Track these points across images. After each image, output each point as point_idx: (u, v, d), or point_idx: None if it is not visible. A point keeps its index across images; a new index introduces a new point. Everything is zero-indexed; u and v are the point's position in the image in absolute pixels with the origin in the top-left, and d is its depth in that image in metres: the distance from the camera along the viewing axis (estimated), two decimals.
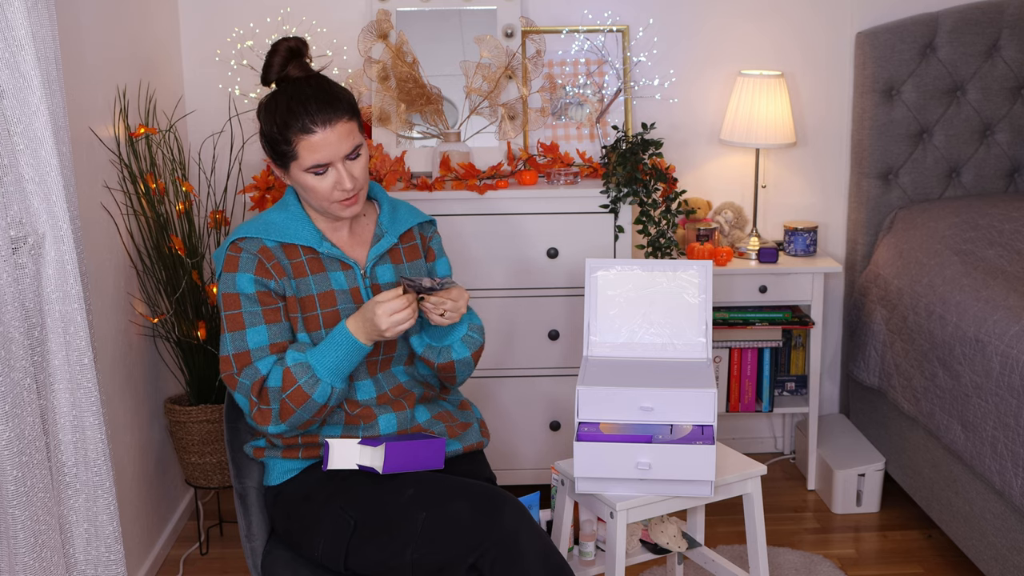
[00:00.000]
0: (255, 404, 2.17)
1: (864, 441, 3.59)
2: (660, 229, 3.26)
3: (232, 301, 2.20)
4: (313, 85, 2.18)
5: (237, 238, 2.23)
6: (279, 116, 2.16)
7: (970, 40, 3.58)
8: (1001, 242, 3.24)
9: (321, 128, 2.14)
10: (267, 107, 2.20)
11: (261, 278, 2.20)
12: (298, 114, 2.14)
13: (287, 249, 2.24)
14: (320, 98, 2.16)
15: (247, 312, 2.19)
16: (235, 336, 2.18)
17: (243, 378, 2.17)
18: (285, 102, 2.16)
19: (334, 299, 2.24)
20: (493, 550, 2.01)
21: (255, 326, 2.18)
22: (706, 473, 2.27)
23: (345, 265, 2.27)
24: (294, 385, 2.14)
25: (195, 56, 3.55)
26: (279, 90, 2.20)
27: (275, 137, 2.17)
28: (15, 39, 2.01)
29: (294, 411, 2.15)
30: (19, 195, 2.08)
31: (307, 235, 2.25)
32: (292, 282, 2.22)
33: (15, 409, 1.98)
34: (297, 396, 2.14)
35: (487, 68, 3.40)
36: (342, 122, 2.16)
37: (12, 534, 2.00)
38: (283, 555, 2.26)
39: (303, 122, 2.14)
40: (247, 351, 2.18)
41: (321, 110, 2.15)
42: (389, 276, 2.32)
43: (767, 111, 3.44)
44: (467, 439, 2.35)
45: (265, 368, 2.17)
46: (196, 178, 3.51)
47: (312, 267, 2.24)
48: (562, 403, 3.36)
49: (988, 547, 2.83)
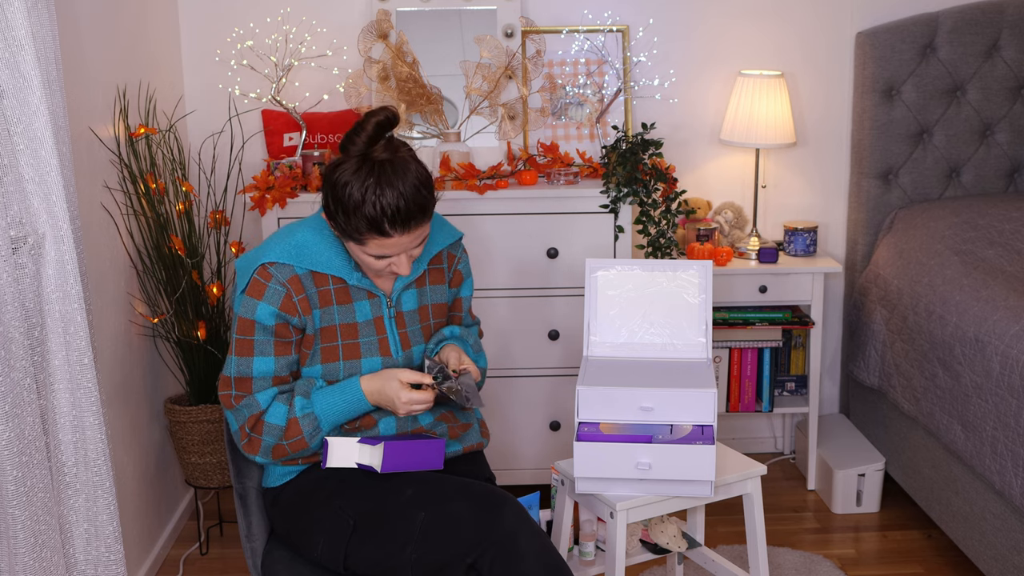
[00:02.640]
0: (247, 434, 2.18)
1: (864, 441, 3.59)
2: (660, 229, 3.26)
3: (247, 326, 2.15)
4: (404, 179, 2.04)
5: (267, 261, 2.14)
6: (356, 205, 2.04)
7: (970, 40, 3.58)
8: (1001, 242, 3.24)
9: (398, 234, 2.07)
10: (344, 180, 2.05)
11: (284, 313, 2.14)
12: (380, 220, 2.04)
13: (316, 277, 2.18)
14: (408, 203, 2.04)
15: (259, 341, 2.15)
16: (241, 361, 2.16)
17: (241, 406, 2.17)
18: (366, 192, 2.03)
19: (356, 332, 2.21)
20: (492, 550, 2.01)
21: (264, 356, 2.16)
22: (706, 473, 2.27)
23: (372, 295, 2.23)
24: (298, 436, 2.17)
25: (195, 56, 3.55)
26: (363, 167, 2.05)
27: (347, 219, 2.07)
28: (15, 39, 2.01)
29: (288, 453, 2.19)
30: (19, 195, 2.08)
31: (339, 265, 2.19)
32: (316, 312, 2.17)
33: (15, 409, 1.98)
34: (297, 445, 2.18)
35: (487, 68, 3.40)
36: (420, 226, 2.10)
37: (12, 534, 2.00)
38: (283, 555, 2.26)
39: (383, 227, 2.05)
40: (250, 378, 2.16)
41: (404, 219, 2.05)
42: (412, 303, 2.28)
43: (767, 111, 3.44)
44: (467, 439, 2.35)
45: (264, 402, 2.17)
46: (196, 178, 3.51)
47: (339, 297, 2.20)
48: (562, 403, 3.36)
49: (988, 547, 2.83)
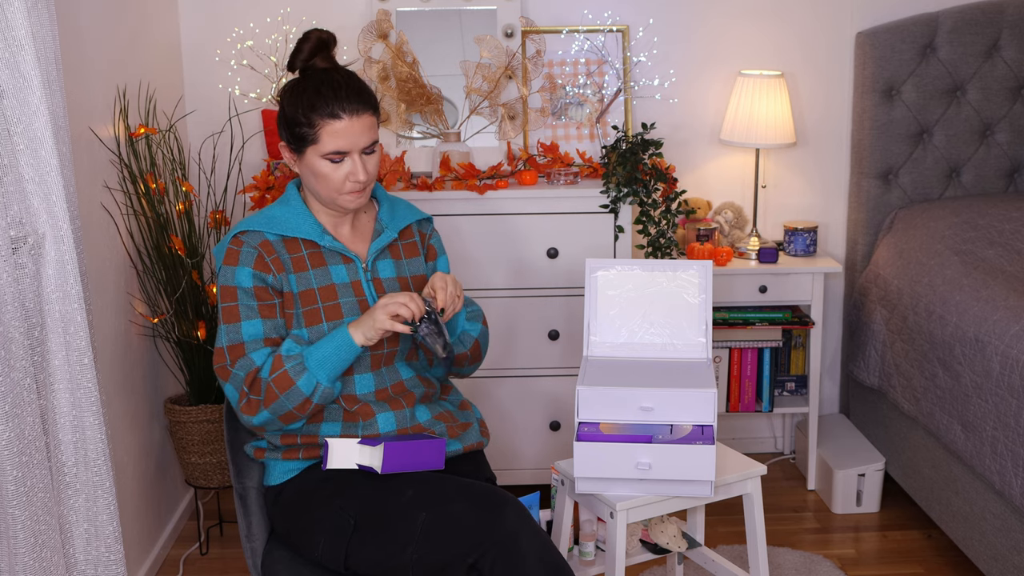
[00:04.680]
0: (245, 395, 2.18)
1: (864, 441, 3.59)
2: (660, 229, 3.26)
3: (229, 294, 2.22)
4: (343, 75, 2.23)
5: (239, 232, 2.26)
6: (307, 98, 2.19)
7: (970, 40, 3.57)
8: (1001, 242, 3.24)
9: (347, 116, 2.18)
10: (293, 90, 2.23)
11: (260, 272, 2.21)
12: (328, 99, 2.18)
13: (288, 243, 2.26)
14: (351, 88, 2.20)
15: (243, 305, 2.20)
16: (230, 328, 2.20)
17: (237, 369, 2.19)
18: (315, 86, 2.20)
19: (335, 293, 2.25)
20: (493, 550, 2.01)
21: (251, 319, 2.20)
22: (706, 473, 2.27)
23: (347, 259, 2.29)
24: (280, 369, 2.16)
25: (195, 56, 3.55)
26: (307, 76, 2.24)
27: (299, 119, 2.19)
28: (15, 39, 2.01)
29: (278, 396, 2.16)
30: (19, 195, 2.08)
31: (309, 228, 2.27)
32: (292, 277, 2.24)
33: (15, 409, 1.98)
34: (282, 381, 2.15)
35: (487, 68, 3.40)
36: (367, 114, 2.22)
37: (12, 534, 1.99)
38: (283, 555, 2.26)
39: (332, 107, 2.18)
40: (242, 343, 2.19)
41: (350, 99, 2.19)
42: (390, 271, 2.33)
43: (767, 111, 3.44)
44: (467, 439, 2.35)
45: (260, 359, 2.19)
46: (196, 178, 3.51)
47: (313, 261, 2.26)
48: (562, 403, 3.36)
49: (988, 547, 2.83)
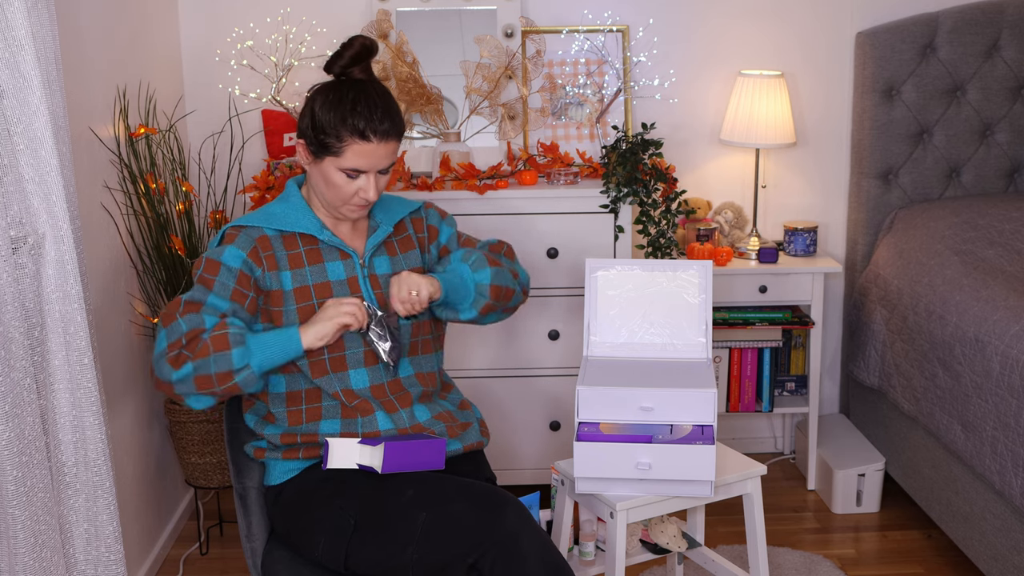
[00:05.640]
0: (177, 347, 2.12)
1: (864, 441, 3.59)
2: (660, 229, 3.26)
3: (212, 266, 2.19)
4: (381, 96, 2.19)
5: (236, 224, 2.26)
6: (340, 112, 2.15)
7: (970, 40, 3.57)
8: (1001, 242, 3.24)
9: (376, 141, 2.17)
10: (328, 95, 2.19)
11: (251, 260, 2.21)
12: (362, 118, 2.15)
13: (286, 240, 2.26)
14: (386, 112, 2.18)
15: (220, 282, 2.17)
16: (198, 289, 2.18)
17: (183, 320, 2.14)
18: (351, 100, 2.16)
19: (330, 290, 2.25)
20: (493, 550, 2.01)
21: (220, 297, 2.17)
22: (706, 473, 2.27)
23: (344, 254, 2.29)
24: (223, 330, 2.12)
25: (195, 56, 3.55)
26: (344, 85, 2.19)
27: (327, 129, 2.16)
28: (15, 39, 2.01)
29: (209, 354, 2.09)
30: (19, 195, 2.08)
31: (308, 224, 2.27)
32: (286, 274, 2.23)
33: (15, 409, 1.98)
34: (219, 341, 2.10)
35: (487, 68, 3.40)
36: (394, 141, 2.21)
37: (12, 534, 1.99)
38: (283, 555, 2.26)
39: (364, 129, 2.15)
40: (200, 303, 2.16)
41: (383, 123, 2.16)
42: (386, 267, 2.33)
43: (767, 111, 3.44)
44: (467, 439, 2.35)
45: (210, 324, 2.14)
46: (196, 178, 3.51)
47: (310, 258, 2.26)
48: (562, 403, 3.36)
49: (988, 547, 2.83)
